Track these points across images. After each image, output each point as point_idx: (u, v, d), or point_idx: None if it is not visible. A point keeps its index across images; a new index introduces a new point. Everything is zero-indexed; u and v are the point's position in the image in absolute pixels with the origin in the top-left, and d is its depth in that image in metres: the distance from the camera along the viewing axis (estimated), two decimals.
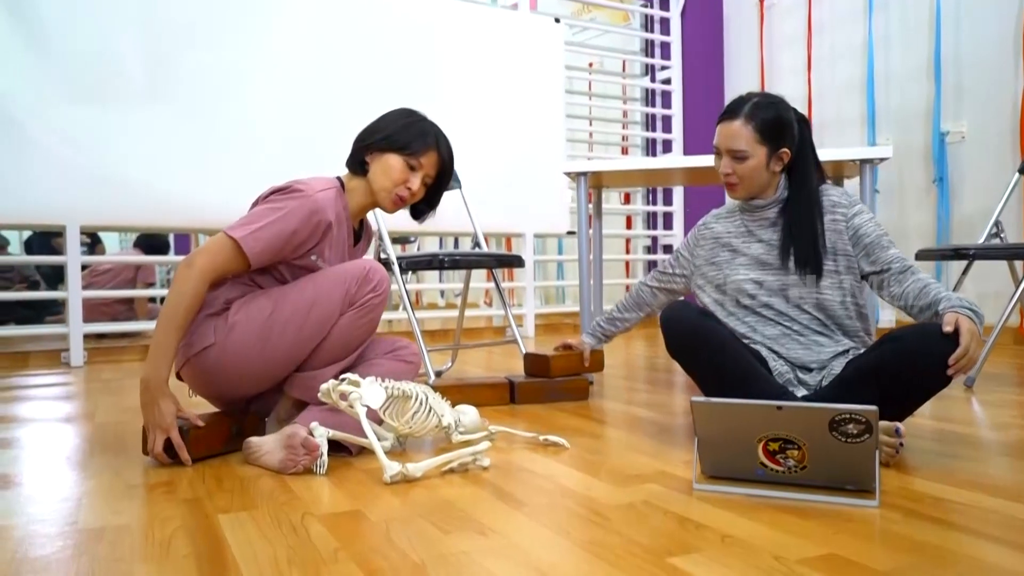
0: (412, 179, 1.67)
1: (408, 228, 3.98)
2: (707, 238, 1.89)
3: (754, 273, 1.76)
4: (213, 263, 1.52)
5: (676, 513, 1.20)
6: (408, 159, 1.66)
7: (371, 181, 1.68)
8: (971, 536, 1.09)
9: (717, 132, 1.74)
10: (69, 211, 3.19)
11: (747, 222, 1.82)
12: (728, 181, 1.74)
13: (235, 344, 1.54)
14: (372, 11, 3.88)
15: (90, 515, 1.24)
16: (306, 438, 1.45)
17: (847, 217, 1.72)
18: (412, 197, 1.69)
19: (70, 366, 3.26)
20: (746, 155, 1.69)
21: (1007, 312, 2.52)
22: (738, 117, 1.70)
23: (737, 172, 1.71)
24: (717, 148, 1.74)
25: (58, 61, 3.15)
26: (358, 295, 1.58)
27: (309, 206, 1.57)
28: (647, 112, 5.13)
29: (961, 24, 3.70)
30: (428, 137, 1.69)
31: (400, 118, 1.71)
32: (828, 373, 1.65)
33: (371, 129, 1.71)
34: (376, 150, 1.67)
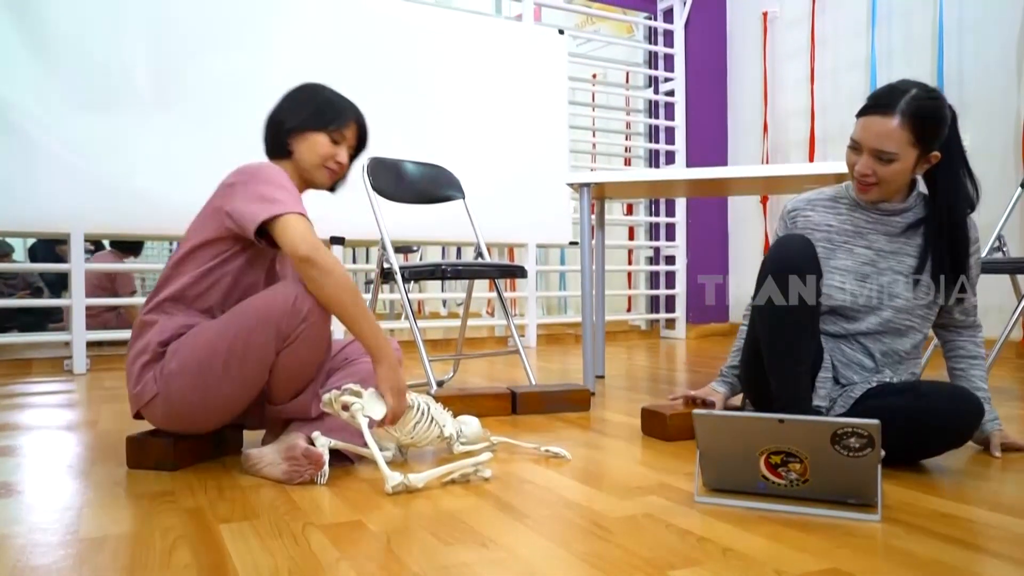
0: (339, 153, 1.69)
1: (411, 238, 3.99)
2: (801, 228, 1.68)
3: (849, 283, 1.61)
4: (309, 235, 1.49)
5: (677, 526, 1.20)
6: (332, 134, 1.67)
7: (299, 162, 1.68)
8: (974, 552, 1.09)
9: (861, 126, 1.53)
10: (74, 219, 3.21)
11: (860, 221, 1.63)
12: (864, 181, 1.55)
13: (177, 394, 1.50)
14: (376, 21, 3.90)
15: (92, 524, 1.24)
16: (308, 448, 1.45)
17: (969, 254, 1.62)
18: (341, 169, 1.72)
19: (73, 373, 3.26)
20: (894, 157, 1.50)
21: (1009, 326, 2.51)
22: (893, 113, 1.48)
23: (878, 174, 1.52)
24: (857, 143, 1.54)
25: (64, 69, 3.17)
26: (288, 330, 1.48)
27: (266, 165, 1.59)
28: (650, 124, 5.14)
29: (964, 39, 3.71)
30: (347, 111, 1.70)
31: (311, 96, 1.70)
32: (846, 393, 1.62)
33: (285, 112, 1.69)
34: (297, 132, 1.67)
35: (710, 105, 5.08)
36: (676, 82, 5.03)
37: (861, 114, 1.55)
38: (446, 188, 2.90)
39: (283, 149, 1.69)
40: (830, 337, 1.67)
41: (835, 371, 1.64)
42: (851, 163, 1.57)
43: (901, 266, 1.62)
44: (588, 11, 5.18)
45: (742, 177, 2.51)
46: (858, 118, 1.55)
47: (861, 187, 1.58)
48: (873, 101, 1.53)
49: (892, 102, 1.49)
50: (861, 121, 1.54)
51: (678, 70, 5.03)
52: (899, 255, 1.63)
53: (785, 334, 1.52)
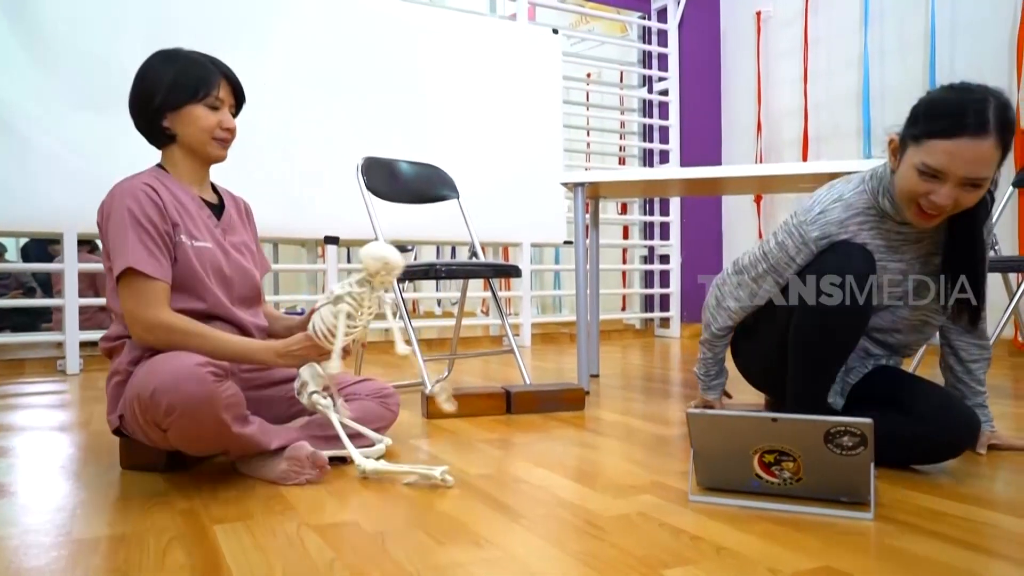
0: (223, 117, 1.58)
1: (405, 237, 3.99)
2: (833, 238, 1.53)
3: (875, 297, 1.53)
4: (146, 305, 1.43)
5: (671, 525, 1.20)
6: (208, 102, 1.55)
7: (186, 142, 1.57)
8: (967, 550, 1.09)
9: (948, 152, 1.31)
10: (67, 218, 3.19)
11: (891, 235, 1.52)
12: (937, 210, 1.36)
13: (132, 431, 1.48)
14: (371, 21, 3.90)
15: (85, 525, 1.24)
16: (314, 452, 1.45)
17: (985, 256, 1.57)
18: (232, 135, 1.60)
19: (66, 374, 3.25)
20: (984, 183, 1.33)
21: (1001, 324, 2.53)
22: (988, 133, 1.29)
23: (961, 203, 1.34)
24: (939, 171, 1.33)
25: (60, 68, 3.16)
26: (157, 420, 1.35)
27: (127, 194, 1.47)
28: (644, 123, 5.15)
29: (956, 38, 3.73)
30: (211, 69, 1.57)
31: (167, 67, 1.55)
32: (844, 375, 1.63)
33: (145, 93, 1.55)
34: (169, 111, 1.54)
35: (704, 104, 5.09)
36: (670, 81, 5.04)
37: (943, 131, 1.32)
38: (440, 188, 2.90)
39: (163, 135, 1.57)
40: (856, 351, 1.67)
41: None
42: (921, 192, 1.37)
43: (927, 268, 1.56)
44: (582, 10, 5.18)
45: (736, 176, 2.52)
46: (936, 138, 1.33)
47: (926, 217, 1.40)
48: (961, 121, 1.30)
49: (984, 120, 1.30)
50: (946, 145, 1.31)
51: (672, 69, 5.03)
52: (926, 257, 1.56)
53: (836, 338, 1.49)
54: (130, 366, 1.51)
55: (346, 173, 2.86)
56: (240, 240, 1.66)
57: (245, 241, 1.68)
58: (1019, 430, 1.94)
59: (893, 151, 1.47)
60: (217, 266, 1.57)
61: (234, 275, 1.60)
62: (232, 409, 1.39)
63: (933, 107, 1.37)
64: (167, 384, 1.32)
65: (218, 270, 1.57)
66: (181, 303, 1.51)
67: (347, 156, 3.06)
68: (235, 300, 1.61)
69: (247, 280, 1.64)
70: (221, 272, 1.58)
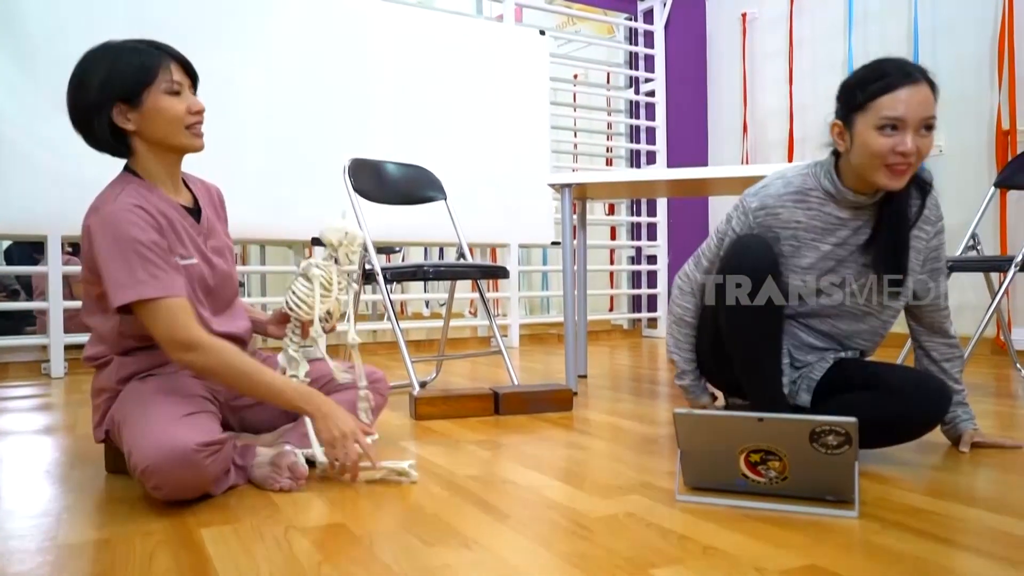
0: (189, 100, 1.44)
1: (393, 239, 3.98)
2: (770, 227, 1.60)
3: (811, 280, 1.58)
4: (173, 327, 1.35)
5: (659, 525, 1.21)
6: (166, 87, 1.41)
7: (157, 140, 1.43)
8: (949, 547, 1.11)
9: (897, 100, 1.39)
10: (51, 221, 3.17)
11: (830, 217, 1.56)
12: (905, 162, 1.42)
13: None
14: (357, 22, 3.89)
15: (70, 530, 1.23)
16: (295, 462, 1.44)
17: (929, 236, 1.60)
18: (202, 116, 1.47)
19: (50, 377, 3.22)
20: (934, 123, 1.42)
21: (984, 323, 2.55)
22: (923, 80, 1.40)
23: (922, 150, 1.41)
24: (899, 120, 1.40)
25: (41, 70, 3.13)
26: (140, 481, 1.31)
27: (116, 217, 1.36)
28: (631, 124, 5.17)
29: (938, 41, 3.77)
30: (150, 54, 1.41)
31: (100, 64, 1.40)
32: (807, 371, 1.64)
33: (93, 100, 1.40)
34: (125, 107, 1.40)
35: (690, 106, 5.12)
36: (656, 83, 5.06)
37: (882, 90, 1.41)
38: (428, 189, 2.90)
39: (119, 141, 1.44)
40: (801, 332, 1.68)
41: (789, 355, 1.66)
42: (885, 148, 1.41)
43: (867, 258, 1.58)
44: (569, 12, 5.19)
45: (722, 177, 2.54)
46: (881, 96, 1.41)
47: (900, 171, 1.43)
48: (897, 73, 1.41)
49: (913, 70, 1.42)
50: (897, 95, 1.39)
51: (658, 71, 5.05)
52: (863, 251, 1.59)
53: (752, 337, 1.53)
54: (119, 384, 1.48)
55: (333, 174, 2.85)
56: (220, 243, 1.60)
57: (225, 243, 1.62)
58: (1003, 428, 1.96)
59: (839, 134, 1.52)
60: (203, 280, 1.50)
61: (217, 285, 1.56)
62: (219, 480, 1.37)
63: (865, 78, 1.46)
64: (159, 466, 1.25)
65: (203, 284, 1.51)
66: None
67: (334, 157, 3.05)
68: (217, 311, 1.57)
69: (228, 286, 1.60)
70: (206, 285, 1.52)
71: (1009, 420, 2.07)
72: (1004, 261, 2.55)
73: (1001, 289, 2.59)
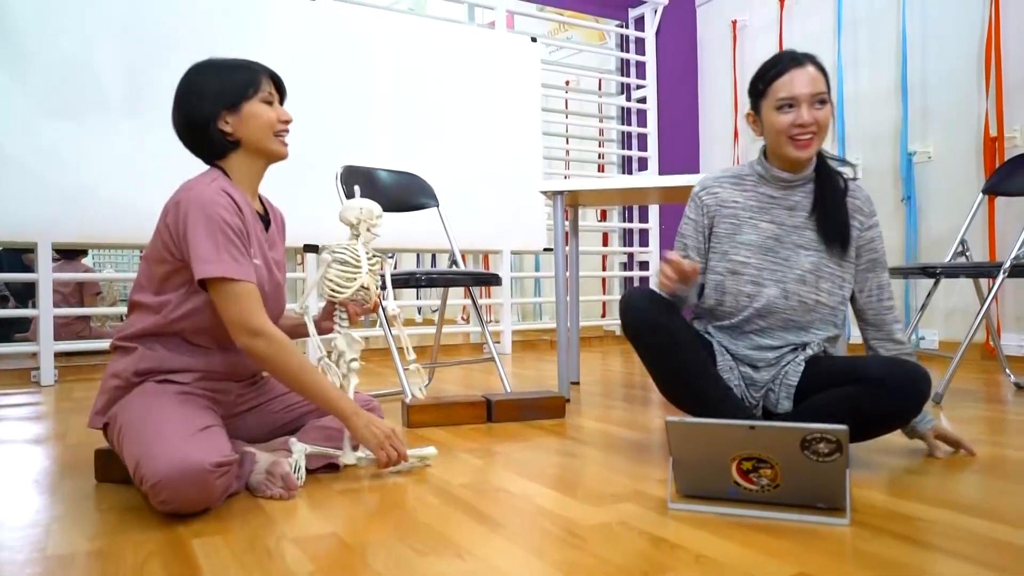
0: (279, 110, 1.59)
1: (385, 245, 3.98)
2: (711, 205, 1.74)
3: (755, 257, 1.68)
4: (252, 313, 1.42)
5: (651, 533, 1.21)
6: (263, 97, 1.55)
7: (251, 142, 1.54)
8: (940, 554, 1.11)
9: (787, 82, 1.59)
10: (41, 227, 3.15)
11: (764, 197, 1.71)
12: (807, 132, 1.59)
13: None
14: (349, 29, 3.89)
15: (60, 541, 1.22)
16: (287, 473, 1.44)
17: (864, 227, 1.71)
18: (288, 124, 1.60)
19: (40, 385, 3.20)
20: (826, 98, 1.60)
21: (973, 328, 2.57)
22: (807, 63, 1.61)
23: (819, 121, 1.59)
24: (791, 99, 1.59)
25: (31, 75, 3.12)
26: (146, 494, 1.31)
27: (205, 196, 1.43)
28: (623, 130, 5.18)
29: (927, 48, 3.80)
30: (252, 69, 1.56)
31: (210, 75, 1.53)
32: (783, 378, 1.66)
33: (195, 104, 1.52)
34: (226, 113, 1.52)
35: (682, 112, 5.14)
36: (648, 89, 5.08)
37: (775, 76, 1.62)
38: (420, 196, 2.91)
39: (224, 144, 1.54)
40: (725, 332, 1.73)
41: (749, 362, 1.69)
42: (786, 124, 1.60)
43: (803, 240, 1.69)
44: (560, 19, 5.21)
45: None
46: (775, 81, 1.61)
47: (802, 143, 1.61)
48: (786, 60, 1.62)
49: (798, 56, 1.63)
50: (786, 78, 1.60)
51: (650, 77, 5.07)
52: (801, 230, 1.69)
53: (683, 375, 1.62)
54: (135, 376, 1.49)
55: (325, 181, 2.85)
56: (279, 257, 1.67)
57: (282, 259, 1.69)
58: (992, 433, 1.97)
59: (753, 122, 1.71)
60: (261, 284, 1.53)
61: (271, 293, 1.59)
62: (222, 496, 1.37)
63: (763, 69, 1.66)
64: (170, 482, 1.25)
65: (262, 288, 1.54)
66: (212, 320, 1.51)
67: (326, 164, 3.05)
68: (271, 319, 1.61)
69: (279, 300, 1.66)
70: (263, 290, 1.54)
71: (999, 425, 2.08)
72: (993, 267, 2.57)
73: (990, 295, 2.61)
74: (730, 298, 1.70)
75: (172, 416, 1.38)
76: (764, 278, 1.68)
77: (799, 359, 1.67)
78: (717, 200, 1.74)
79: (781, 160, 1.68)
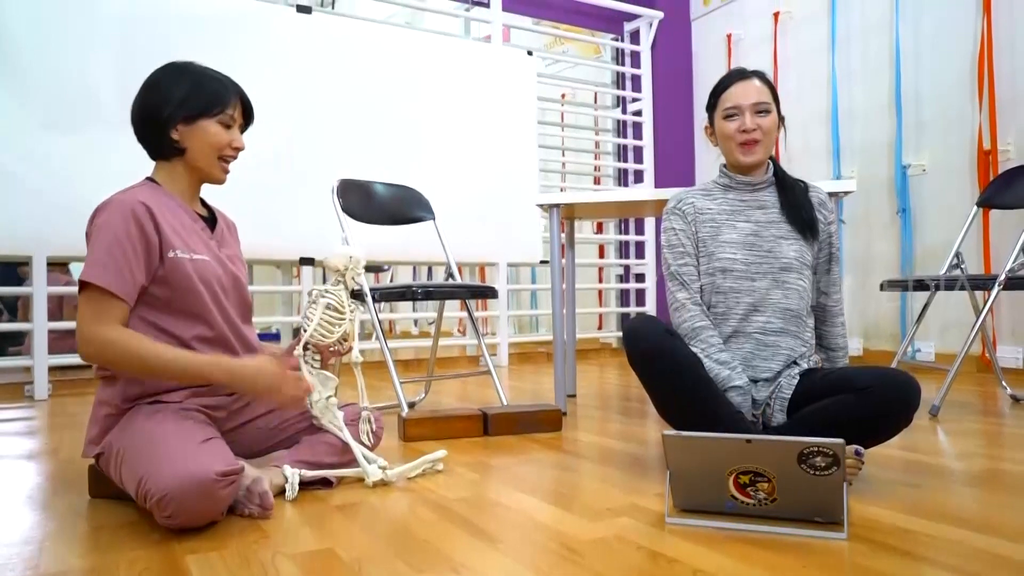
0: (234, 137, 1.55)
1: (381, 258, 3.98)
2: (690, 214, 1.82)
3: (740, 252, 1.75)
4: (94, 319, 1.38)
5: (648, 548, 1.21)
6: (221, 119, 1.52)
7: (193, 158, 1.52)
8: (937, 568, 1.11)
9: (732, 93, 1.75)
10: (36, 241, 3.15)
11: (733, 202, 1.81)
12: (750, 138, 1.73)
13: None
14: (345, 43, 3.91)
15: (53, 559, 1.21)
16: (265, 491, 1.41)
17: (826, 221, 1.81)
18: (237, 155, 1.58)
19: (34, 399, 3.19)
20: (769, 108, 1.74)
21: (969, 340, 2.57)
22: (752, 77, 1.75)
23: (762, 127, 1.73)
24: (735, 108, 1.74)
25: (27, 89, 3.12)
26: (152, 511, 1.30)
27: (116, 207, 1.43)
28: (619, 143, 5.20)
29: (920, 61, 3.82)
30: (225, 87, 1.54)
31: (180, 79, 1.51)
32: (777, 391, 1.67)
33: (155, 103, 1.50)
34: (180, 123, 1.49)
35: (677, 125, 5.16)
36: (643, 102, 5.10)
37: (723, 89, 1.77)
38: (416, 209, 2.91)
39: (171, 148, 1.52)
40: (728, 342, 1.74)
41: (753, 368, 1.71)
42: (732, 131, 1.74)
43: (781, 231, 1.77)
44: (556, 32, 5.24)
45: None
46: (721, 94, 1.77)
47: (747, 147, 1.74)
48: (731, 75, 1.78)
49: (745, 71, 1.78)
50: (732, 90, 1.75)
51: (645, 90, 5.10)
52: (776, 223, 1.78)
53: (684, 388, 1.60)
54: (124, 403, 1.48)
55: (322, 194, 2.85)
56: (232, 252, 1.66)
57: (237, 254, 1.68)
58: (990, 446, 1.97)
59: (710, 134, 1.85)
60: (217, 277, 1.54)
61: (231, 287, 1.59)
62: (225, 508, 1.36)
63: (715, 85, 1.82)
64: (177, 494, 1.25)
65: (219, 281, 1.54)
66: (189, 330, 1.50)
67: (323, 177, 3.05)
68: (243, 319, 1.62)
69: (241, 292, 1.64)
70: (221, 283, 1.55)
71: (997, 438, 2.08)
72: (988, 280, 2.57)
73: (986, 307, 2.61)
74: (723, 297, 1.74)
75: (172, 431, 1.37)
76: (753, 272, 1.74)
77: (794, 373, 1.68)
78: (695, 208, 1.83)
79: (734, 167, 1.81)
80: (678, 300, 1.79)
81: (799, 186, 1.83)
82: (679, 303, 1.78)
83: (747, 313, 1.72)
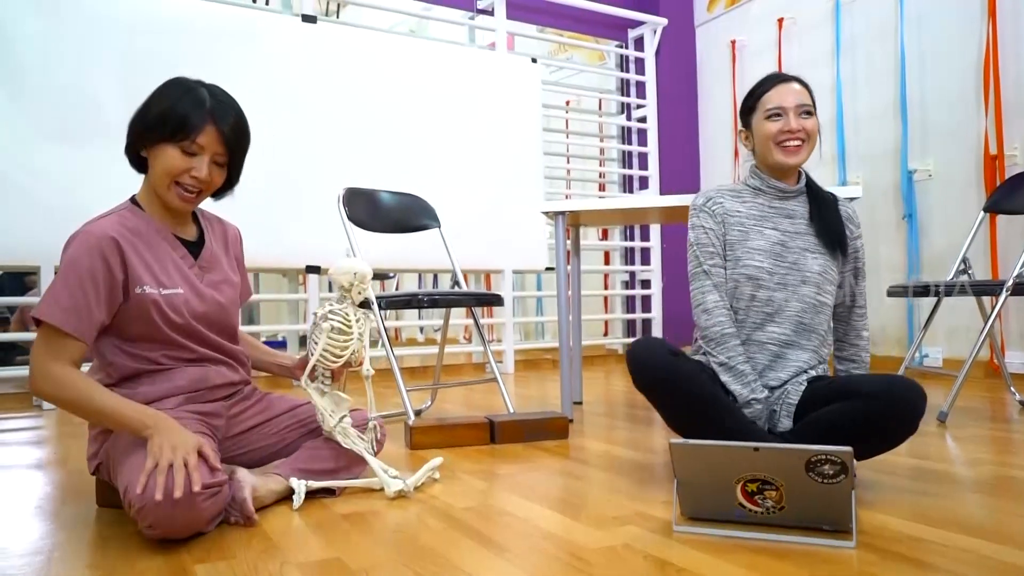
0: (197, 166, 1.45)
1: (387, 266, 3.99)
2: (719, 214, 1.79)
3: (767, 261, 1.72)
4: (48, 356, 1.37)
5: (656, 556, 1.20)
6: (183, 145, 1.43)
7: (152, 180, 1.48)
8: None
9: (775, 95, 1.73)
10: (43, 251, 3.16)
11: (763, 207, 1.78)
12: (795, 139, 1.71)
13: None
14: (351, 51, 3.93)
15: (62, 569, 1.21)
16: (244, 499, 1.40)
17: (853, 235, 1.81)
18: (206, 185, 1.48)
19: (42, 409, 3.20)
20: (811, 111, 1.73)
21: (977, 346, 2.56)
22: (792, 80, 1.75)
23: (806, 129, 1.71)
24: (779, 109, 1.72)
25: (33, 100, 3.15)
26: (138, 522, 1.29)
27: (83, 242, 1.40)
28: (623, 149, 5.21)
29: (925, 67, 3.82)
30: (199, 111, 1.44)
31: (162, 98, 1.47)
32: (784, 398, 1.67)
33: (135, 118, 1.47)
34: (148, 142, 1.46)
35: (682, 131, 5.17)
36: (648, 109, 5.11)
37: (764, 91, 1.75)
38: (422, 217, 2.92)
39: (140, 165, 1.50)
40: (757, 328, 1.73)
41: (761, 376, 1.70)
42: (775, 131, 1.71)
43: (807, 244, 1.75)
44: (561, 40, 5.25)
45: None
46: (764, 95, 1.75)
47: (791, 150, 1.71)
48: (772, 78, 1.77)
49: (785, 75, 1.77)
50: (774, 91, 1.73)
51: (650, 97, 5.11)
52: (803, 235, 1.76)
53: (692, 402, 1.58)
54: None
55: (328, 203, 2.86)
56: (220, 278, 1.60)
57: (228, 278, 1.63)
58: (999, 453, 1.96)
59: (745, 138, 1.83)
60: (192, 310, 1.51)
61: (214, 315, 1.56)
62: (213, 519, 1.35)
63: (753, 88, 1.80)
64: (156, 506, 1.24)
65: (193, 313, 1.51)
66: (159, 351, 1.49)
67: (328, 186, 3.07)
68: (221, 337, 1.59)
69: (225, 319, 1.59)
70: (196, 314, 1.52)
71: (1005, 445, 2.07)
72: (996, 285, 2.56)
73: (993, 313, 2.60)
74: (741, 303, 1.74)
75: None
76: (776, 282, 1.72)
77: (801, 379, 1.68)
78: (724, 209, 1.79)
79: (772, 169, 1.77)
80: (707, 302, 1.76)
81: (831, 199, 1.80)
82: (709, 305, 1.75)
83: (762, 322, 1.72)
